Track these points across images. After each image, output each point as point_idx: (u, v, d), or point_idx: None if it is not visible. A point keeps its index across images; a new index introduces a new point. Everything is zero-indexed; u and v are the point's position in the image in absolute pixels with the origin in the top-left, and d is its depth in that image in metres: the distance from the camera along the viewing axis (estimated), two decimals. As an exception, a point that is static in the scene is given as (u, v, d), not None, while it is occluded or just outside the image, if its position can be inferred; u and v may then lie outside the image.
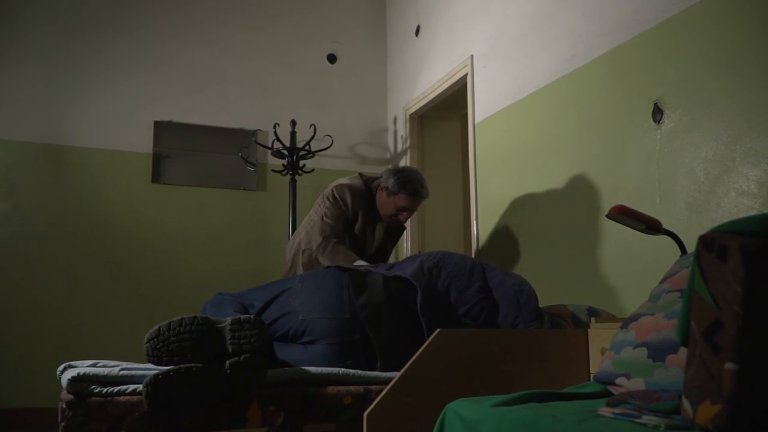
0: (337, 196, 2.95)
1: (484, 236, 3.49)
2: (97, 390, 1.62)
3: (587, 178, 2.68)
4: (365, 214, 2.98)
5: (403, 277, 2.16)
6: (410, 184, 2.88)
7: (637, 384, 1.37)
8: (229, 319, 1.74)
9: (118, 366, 1.80)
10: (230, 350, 1.68)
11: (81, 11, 4.27)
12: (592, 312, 2.25)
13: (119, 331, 4.00)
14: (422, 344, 1.79)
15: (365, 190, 3.00)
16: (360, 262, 2.74)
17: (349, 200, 2.94)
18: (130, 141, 4.27)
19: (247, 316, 1.75)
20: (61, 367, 1.84)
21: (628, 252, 2.42)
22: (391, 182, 2.91)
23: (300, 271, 2.97)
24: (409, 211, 2.96)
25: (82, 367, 1.77)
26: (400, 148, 4.72)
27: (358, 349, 2.00)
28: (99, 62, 4.26)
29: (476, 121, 3.64)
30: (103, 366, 1.83)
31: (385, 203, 2.95)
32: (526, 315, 2.10)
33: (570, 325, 2.20)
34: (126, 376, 1.67)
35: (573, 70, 2.81)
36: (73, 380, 1.60)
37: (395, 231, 3.13)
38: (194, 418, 1.65)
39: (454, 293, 2.16)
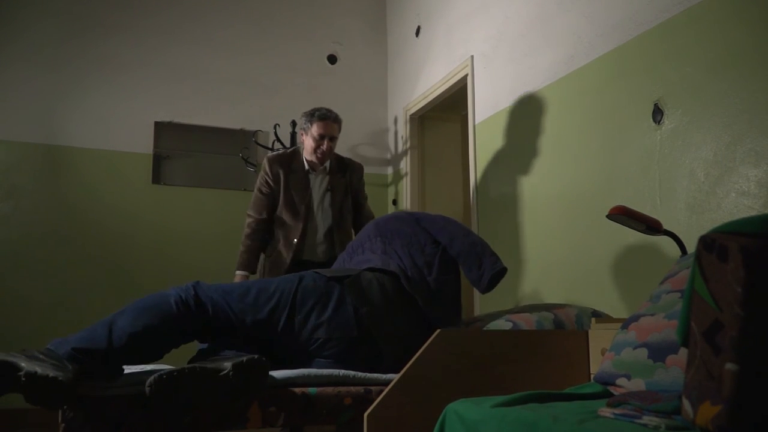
0: (260, 171, 3.19)
1: (484, 236, 3.49)
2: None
3: (587, 179, 2.68)
4: (287, 172, 3.14)
5: (387, 269, 2.16)
6: (317, 111, 3.11)
7: (637, 384, 1.37)
8: (230, 366, 1.65)
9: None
10: (236, 390, 1.65)
11: (81, 12, 4.27)
12: (597, 316, 2.25)
13: (120, 331, 4.00)
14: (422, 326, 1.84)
15: (286, 154, 3.22)
16: (240, 273, 3.09)
17: (267, 167, 3.16)
18: (130, 142, 4.27)
19: (250, 357, 1.68)
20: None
21: (628, 252, 2.42)
22: (302, 121, 3.15)
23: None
24: (326, 136, 3.08)
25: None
26: (400, 148, 4.72)
27: (360, 362, 1.98)
28: (99, 63, 4.26)
29: (477, 122, 3.65)
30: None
31: (308, 144, 3.12)
32: (487, 261, 2.18)
33: (573, 327, 2.20)
34: (126, 377, 1.67)
35: (573, 70, 2.81)
36: (73, 381, 1.60)
37: (337, 184, 3.19)
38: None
39: (419, 258, 2.21)
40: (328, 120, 3.09)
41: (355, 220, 3.28)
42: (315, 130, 3.07)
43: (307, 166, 3.17)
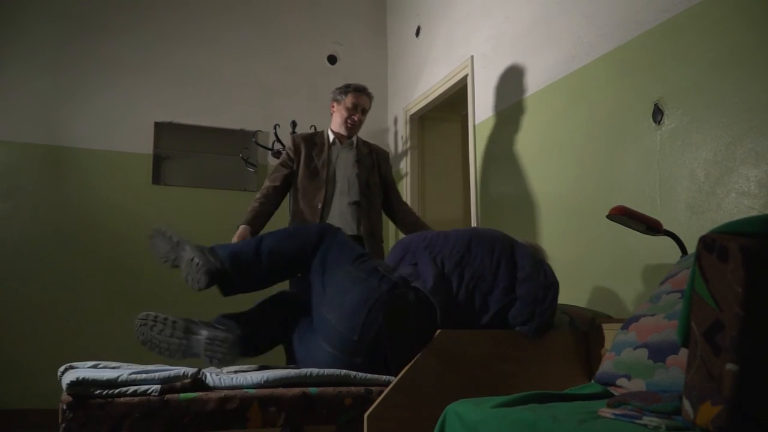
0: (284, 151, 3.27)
1: (484, 237, 3.49)
2: (97, 392, 1.62)
3: (587, 179, 2.68)
4: (310, 146, 3.18)
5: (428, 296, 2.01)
6: (352, 85, 3.19)
7: (637, 385, 1.37)
8: (205, 334, 1.86)
9: (118, 368, 1.80)
10: (203, 358, 1.85)
11: (82, 12, 4.27)
12: (597, 316, 2.25)
13: (119, 331, 3.99)
14: None
15: (310, 133, 3.33)
16: (243, 225, 3.04)
17: (290, 142, 3.23)
18: (130, 142, 4.27)
19: (225, 335, 1.79)
20: (62, 368, 1.85)
21: (628, 253, 2.42)
22: (336, 93, 3.22)
23: None
24: (358, 107, 3.16)
25: (83, 369, 1.77)
26: (400, 148, 4.72)
27: (354, 363, 1.95)
28: (99, 63, 4.26)
29: (477, 122, 3.64)
30: (104, 367, 1.83)
31: (339, 115, 3.19)
32: (534, 325, 1.99)
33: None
34: (126, 381, 1.67)
35: (573, 71, 2.81)
36: (72, 384, 1.60)
37: (365, 160, 3.20)
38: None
39: (478, 299, 2.04)
40: (363, 92, 3.18)
41: (387, 204, 3.25)
42: (349, 100, 3.14)
43: (332, 139, 3.20)
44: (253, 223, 3.13)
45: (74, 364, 1.89)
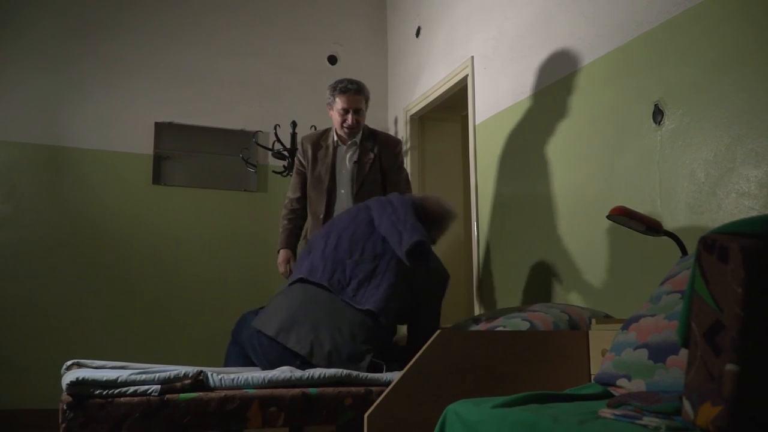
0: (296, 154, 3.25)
1: (484, 237, 3.49)
2: (97, 392, 1.62)
3: (587, 179, 2.68)
4: (316, 148, 3.13)
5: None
6: (339, 85, 3.05)
7: (637, 385, 1.37)
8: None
9: (124, 368, 1.80)
10: None
11: (82, 12, 4.27)
12: (597, 316, 2.25)
13: (119, 331, 4.00)
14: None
15: (318, 132, 3.25)
16: (282, 250, 3.15)
17: (299, 146, 3.21)
18: (130, 142, 4.27)
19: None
20: (68, 363, 1.85)
21: (628, 253, 2.42)
22: (327, 94, 3.10)
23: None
24: (350, 109, 3.02)
25: (85, 369, 1.77)
26: (400, 149, 4.72)
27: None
28: (100, 63, 4.26)
29: (477, 123, 3.64)
30: (112, 368, 1.84)
31: (335, 119, 3.09)
32: (406, 236, 2.26)
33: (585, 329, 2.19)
34: (126, 381, 1.67)
35: (573, 71, 2.81)
36: (72, 384, 1.60)
37: (364, 157, 3.10)
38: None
39: (351, 263, 2.33)
40: (349, 93, 3.02)
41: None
42: (338, 104, 3.02)
43: (336, 141, 3.12)
44: (289, 243, 3.16)
45: (80, 361, 1.90)
